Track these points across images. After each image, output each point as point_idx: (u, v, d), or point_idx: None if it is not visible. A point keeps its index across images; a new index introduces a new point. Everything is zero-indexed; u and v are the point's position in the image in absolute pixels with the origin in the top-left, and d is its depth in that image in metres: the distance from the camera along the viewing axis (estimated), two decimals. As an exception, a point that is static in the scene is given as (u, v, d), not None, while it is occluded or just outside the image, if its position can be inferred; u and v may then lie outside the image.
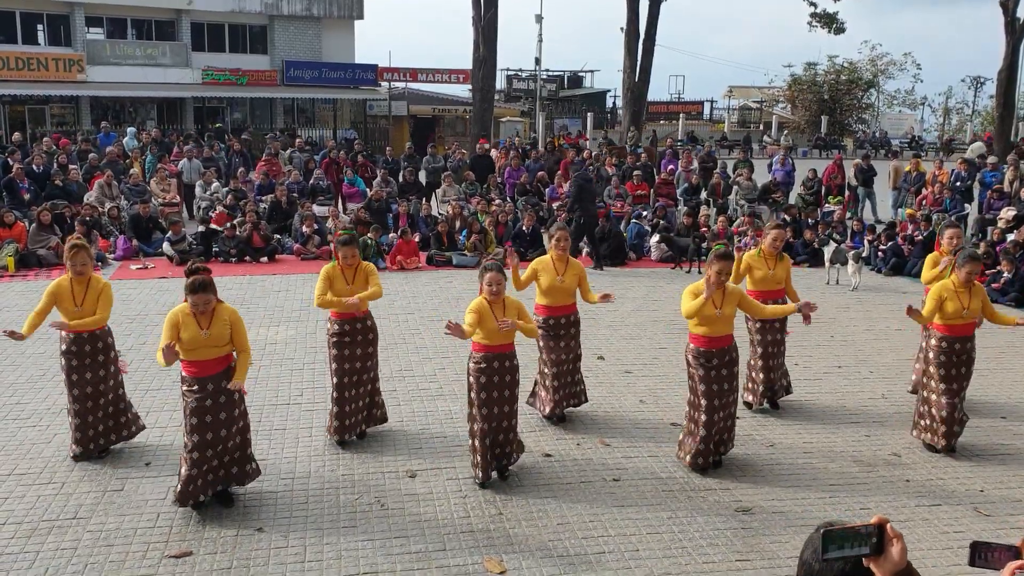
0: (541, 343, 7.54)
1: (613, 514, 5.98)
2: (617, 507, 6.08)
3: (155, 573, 5.13)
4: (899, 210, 19.54)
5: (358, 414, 7.09)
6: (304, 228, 15.83)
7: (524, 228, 15.77)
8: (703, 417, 6.51)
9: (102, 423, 6.68)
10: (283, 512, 5.91)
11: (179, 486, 5.75)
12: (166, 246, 14.99)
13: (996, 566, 2.19)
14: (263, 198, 17.83)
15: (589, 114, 44.18)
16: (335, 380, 6.98)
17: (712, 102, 57.07)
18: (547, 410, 7.58)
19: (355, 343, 6.95)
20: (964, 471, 6.85)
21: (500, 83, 44.58)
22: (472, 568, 5.25)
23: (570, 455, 6.97)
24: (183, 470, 5.75)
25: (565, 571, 5.23)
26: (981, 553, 2.19)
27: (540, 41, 42.09)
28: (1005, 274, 12.95)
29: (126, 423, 6.87)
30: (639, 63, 30.36)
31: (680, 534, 5.72)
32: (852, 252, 14.19)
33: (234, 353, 5.88)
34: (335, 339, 6.93)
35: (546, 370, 7.56)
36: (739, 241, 16.10)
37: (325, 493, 6.20)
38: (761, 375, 7.98)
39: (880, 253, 15.43)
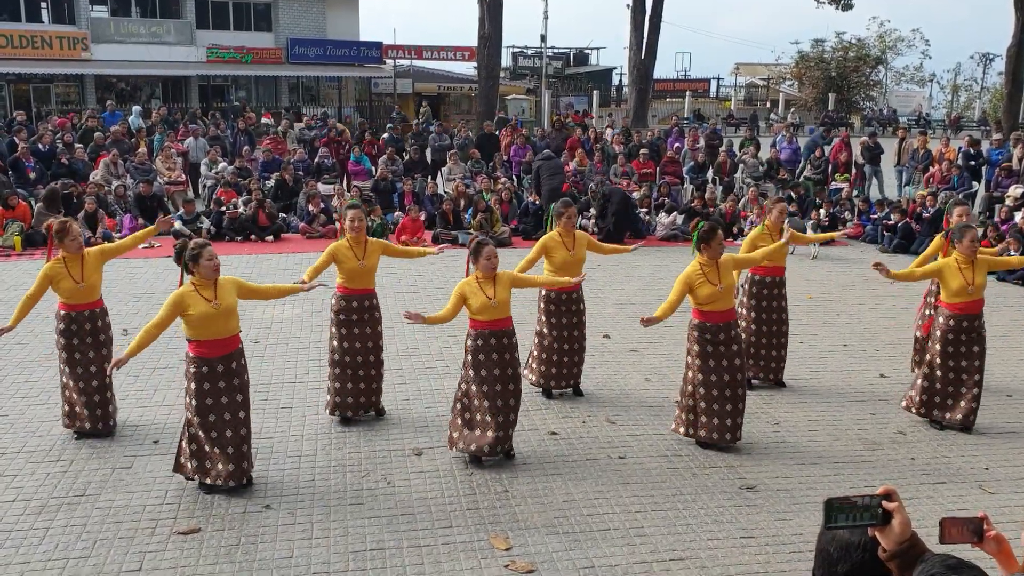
0: (543, 317, 7.58)
1: (618, 491, 6.00)
2: (622, 484, 6.11)
3: (164, 550, 5.17)
4: (907, 188, 19.45)
5: (360, 395, 7.03)
6: (310, 207, 15.82)
7: (531, 202, 15.74)
8: (702, 391, 6.56)
9: (99, 407, 6.62)
10: (290, 489, 5.95)
11: (185, 460, 5.75)
12: (178, 224, 15.03)
13: (950, 540, 2.20)
14: (268, 175, 17.83)
15: (595, 92, 44.00)
16: (336, 358, 6.93)
17: (719, 79, 56.66)
18: (533, 379, 7.67)
19: (362, 320, 6.93)
20: (969, 449, 6.87)
21: (506, 60, 44.39)
22: (478, 545, 5.28)
23: (576, 433, 7.00)
24: (184, 444, 5.75)
25: (570, 548, 5.26)
26: (947, 530, 2.20)
27: (546, 18, 42.08)
28: (1012, 252, 12.90)
29: (111, 412, 6.76)
30: (645, 40, 30.14)
31: (685, 511, 5.75)
32: (811, 222, 14.39)
33: (240, 335, 5.88)
34: (342, 316, 6.90)
35: (544, 343, 7.61)
36: (746, 223, 16.05)
37: (332, 471, 6.24)
38: (757, 351, 8.02)
39: (887, 232, 15.38)
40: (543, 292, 7.60)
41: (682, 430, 6.77)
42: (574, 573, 5.00)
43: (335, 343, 6.95)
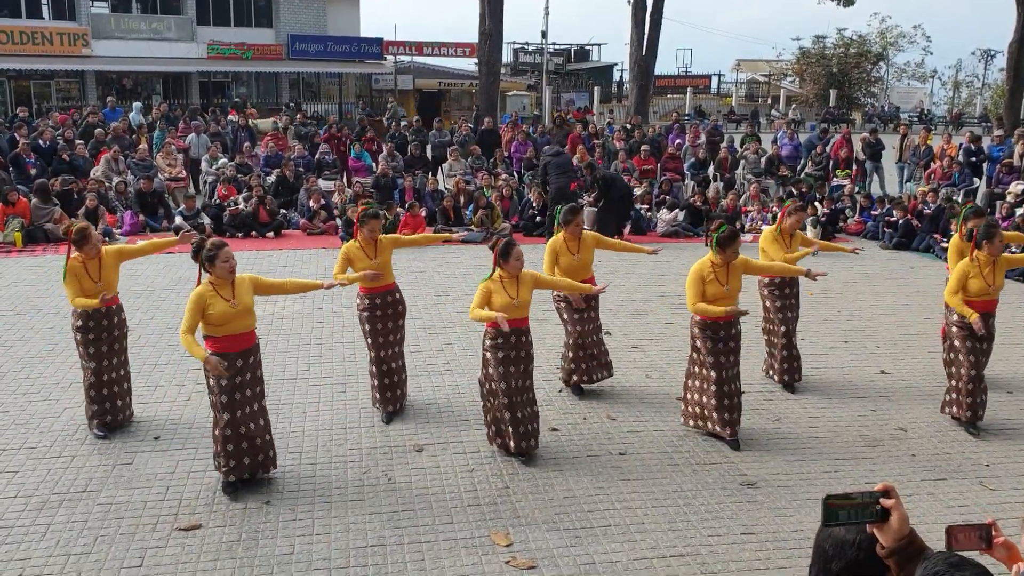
0: (565, 316, 7.61)
1: (619, 487, 6.01)
2: (623, 481, 6.11)
3: (165, 546, 5.18)
4: (908, 184, 19.43)
5: (399, 387, 7.19)
6: (311, 203, 15.81)
7: (530, 199, 15.71)
8: (713, 388, 6.56)
9: (119, 399, 6.72)
10: (291, 486, 5.95)
11: (223, 461, 5.74)
12: (179, 219, 15.05)
13: (958, 547, 2.20)
14: (269, 170, 17.82)
15: (596, 88, 43.96)
16: (372, 354, 7.07)
17: (720, 76, 56.69)
18: (573, 379, 7.70)
19: (386, 316, 7.04)
20: (970, 446, 6.87)
21: (506, 57, 44.28)
22: (479, 541, 5.29)
23: (576, 429, 7.00)
24: (220, 447, 5.75)
25: (571, 544, 5.27)
26: (954, 536, 2.20)
27: (547, 14, 41.89)
28: (1013, 248, 12.87)
29: (127, 405, 6.89)
30: (646, 36, 30.08)
31: (685, 507, 5.75)
32: (810, 218, 14.38)
33: (256, 331, 5.92)
34: (367, 314, 7.01)
35: (570, 341, 7.67)
36: (747, 218, 16.03)
37: (333, 467, 6.25)
38: (784, 352, 8.02)
39: (887, 229, 15.37)
40: (561, 295, 7.62)
41: (691, 423, 6.84)
42: (575, 569, 5.01)
43: (369, 340, 7.08)
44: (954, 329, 7.08)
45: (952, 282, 6.97)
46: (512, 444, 6.30)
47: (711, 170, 19.59)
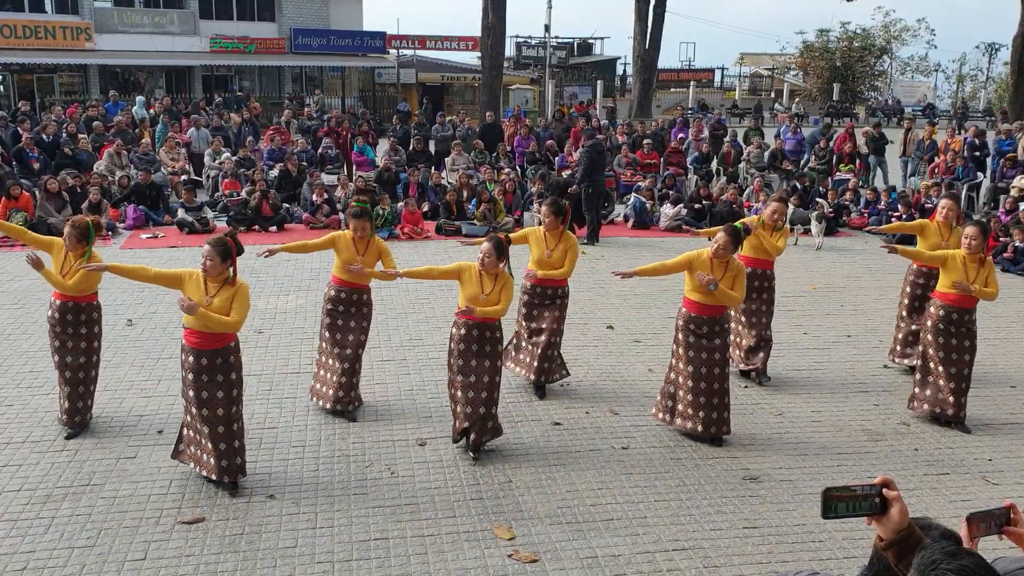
0: (523, 310, 7.61)
1: (622, 482, 6.01)
2: (626, 475, 6.12)
3: (168, 539, 5.19)
4: (912, 178, 19.39)
5: (333, 386, 6.94)
6: (314, 197, 15.81)
7: (532, 192, 15.69)
8: (690, 383, 6.55)
9: (81, 400, 6.60)
10: (294, 479, 5.96)
11: (184, 447, 5.91)
12: (180, 213, 15.07)
13: (974, 534, 2.22)
14: (272, 164, 17.82)
15: (599, 82, 43.88)
16: (320, 344, 7.05)
17: (723, 69, 56.50)
18: (531, 376, 7.56)
19: (348, 313, 6.96)
20: (972, 440, 6.86)
21: (509, 50, 44.21)
22: (482, 535, 5.30)
23: (579, 423, 7.00)
24: (182, 430, 5.92)
25: (574, 538, 5.28)
26: (974, 525, 2.22)
27: (550, 8, 41.71)
28: (1016, 243, 12.87)
29: (87, 408, 6.73)
30: (649, 30, 30.10)
31: (688, 502, 5.76)
32: (815, 213, 14.33)
33: (237, 335, 5.85)
34: (329, 306, 6.98)
35: (523, 333, 7.65)
36: (750, 212, 16.00)
37: (336, 461, 6.26)
38: (744, 342, 8.01)
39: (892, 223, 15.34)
40: (527, 284, 7.58)
41: (660, 415, 6.83)
42: (577, 563, 5.02)
43: (327, 333, 7.01)
44: (929, 323, 7.04)
45: (927, 250, 6.99)
46: (457, 424, 6.30)
47: (714, 164, 19.56)
